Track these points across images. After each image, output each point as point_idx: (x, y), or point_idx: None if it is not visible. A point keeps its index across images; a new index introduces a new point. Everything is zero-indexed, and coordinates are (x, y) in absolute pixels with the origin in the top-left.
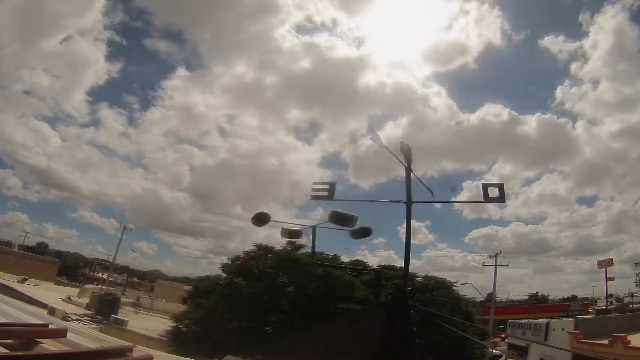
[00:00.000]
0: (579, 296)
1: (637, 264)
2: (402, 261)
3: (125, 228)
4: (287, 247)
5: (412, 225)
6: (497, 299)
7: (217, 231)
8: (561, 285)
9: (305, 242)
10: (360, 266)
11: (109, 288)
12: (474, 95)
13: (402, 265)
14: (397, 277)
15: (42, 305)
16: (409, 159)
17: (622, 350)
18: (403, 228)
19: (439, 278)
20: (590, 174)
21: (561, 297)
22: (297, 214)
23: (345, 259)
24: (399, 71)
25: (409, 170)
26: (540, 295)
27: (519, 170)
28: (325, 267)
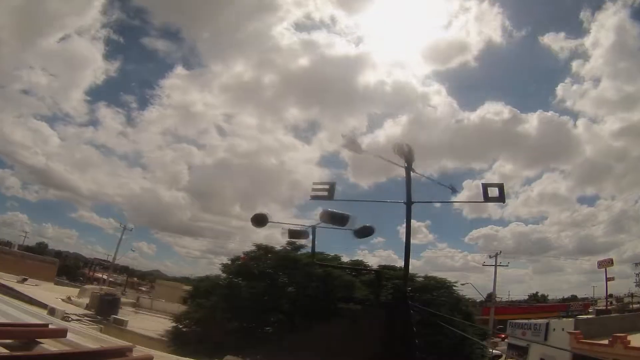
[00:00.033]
0: (579, 296)
1: (637, 264)
2: (402, 261)
3: (125, 228)
4: (287, 247)
5: (411, 225)
6: (497, 299)
7: (216, 231)
8: (561, 285)
9: (305, 242)
10: (360, 266)
11: (108, 288)
12: (475, 93)
13: (402, 265)
14: (397, 277)
15: (42, 305)
16: (409, 159)
17: (622, 350)
18: (403, 228)
19: (439, 278)
20: (591, 173)
21: (561, 297)
22: (296, 214)
23: (345, 259)
24: (399, 69)
25: (409, 171)
26: (540, 295)
27: (519, 169)
28: (325, 267)
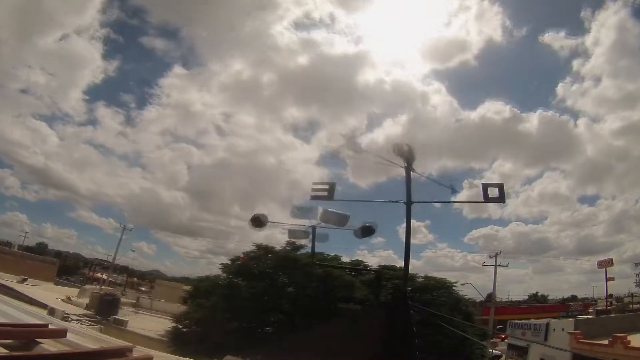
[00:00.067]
0: (579, 296)
1: (637, 264)
2: (402, 261)
3: (125, 228)
4: (287, 248)
5: (411, 224)
6: (497, 299)
7: (215, 231)
8: (561, 286)
9: (305, 242)
10: (360, 266)
11: (108, 288)
12: (475, 92)
13: (402, 266)
14: (397, 277)
15: (41, 305)
16: (409, 159)
17: (622, 350)
18: (403, 228)
19: (439, 278)
20: (592, 172)
21: (561, 297)
22: (296, 214)
23: (345, 259)
24: (398, 68)
25: (408, 171)
26: (540, 295)
27: (519, 169)
28: (325, 267)
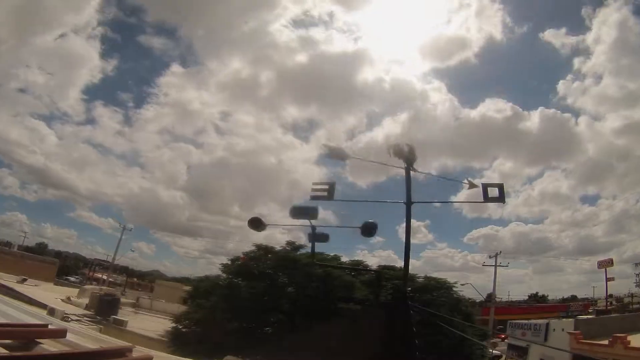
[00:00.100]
0: (579, 296)
1: (637, 264)
2: (402, 261)
3: (124, 228)
4: (287, 248)
5: (411, 224)
6: (497, 300)
7: (215, 231)
8: (561, 286)
9: (305, 242)
10: (360, 266)
11: (108, 288)
12: (475, 90)
13: (401, 266)
14: (396, 278)
15: (41, 305)
16: (410, 159)
17: (622, 350)
18: (402, 228)
19: (439, 279)
20: (593, 171)
21: (561, 297)
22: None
23: (344, 259)
24: (398, 67)
25: (408, 171)
26: (540, 295)
27: (520, 168)
28: (325, 268)
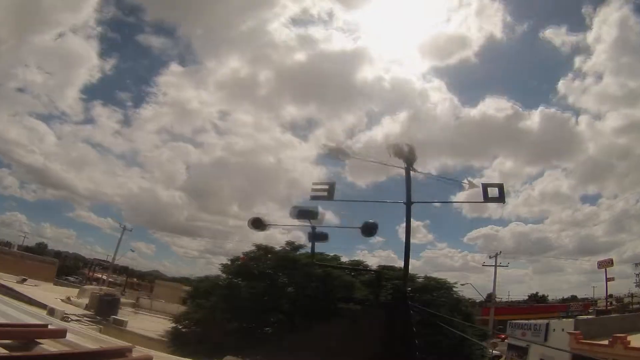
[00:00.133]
0: (579, 296)
1: (638, 264)
2: (402, 261)
3: (124, 228)
4: (287, 248)
5: (411, 224)
6: (497, 300)
7: (214, 230)
8: (561, 286)
9: (304, 242)
10: (360, 266)
11: (108, 288)
12: (475, 89)
13: (401, 266)
14: (396, 278)
15: (41, 305)
16: (410, 159)
17: (622, 350)
18: (402, 228)
19: (439, 279)
20: (594, 170)
21: (561, 297)
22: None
23: (344, 259)
24: (398, 66)
25: (408, 171)
26: (540, 295)
27: (520, 167)
28: (324, 268)
